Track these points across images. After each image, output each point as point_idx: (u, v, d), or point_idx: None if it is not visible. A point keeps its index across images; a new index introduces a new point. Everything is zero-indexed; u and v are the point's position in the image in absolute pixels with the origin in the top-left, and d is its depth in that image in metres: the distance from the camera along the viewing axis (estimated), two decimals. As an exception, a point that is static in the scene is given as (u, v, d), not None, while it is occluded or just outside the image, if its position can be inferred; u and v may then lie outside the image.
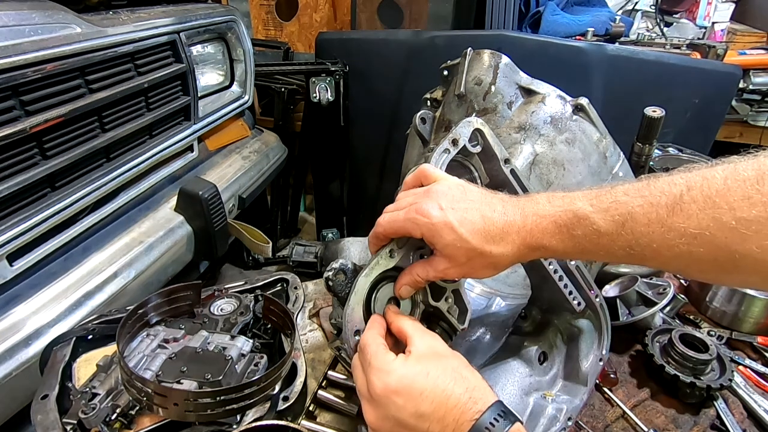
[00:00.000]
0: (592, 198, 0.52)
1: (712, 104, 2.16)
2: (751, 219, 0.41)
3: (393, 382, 0.53)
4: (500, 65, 1.01)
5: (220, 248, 1.67)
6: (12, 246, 1.10)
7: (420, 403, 0.51)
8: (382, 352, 0.56)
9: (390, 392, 0.53)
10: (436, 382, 0.52)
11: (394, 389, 0.53)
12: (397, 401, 0.52)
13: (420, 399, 0.52)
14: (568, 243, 0.53)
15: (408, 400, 0.52)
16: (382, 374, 0.54)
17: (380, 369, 0.54)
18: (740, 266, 0.43)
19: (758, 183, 0.41)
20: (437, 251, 0.58)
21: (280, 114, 2.53)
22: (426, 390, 0.52)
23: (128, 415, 0.77)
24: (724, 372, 1.00)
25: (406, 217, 0.56)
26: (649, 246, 0.47)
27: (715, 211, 0.43)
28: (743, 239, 0.42)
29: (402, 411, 0.52)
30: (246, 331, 0.95)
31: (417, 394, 0.52)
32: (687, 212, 0.45)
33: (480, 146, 0.74)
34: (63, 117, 1.16)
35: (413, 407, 0.52)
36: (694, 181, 0.46)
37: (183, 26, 1.58)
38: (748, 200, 0.41)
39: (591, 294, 0.83)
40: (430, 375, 0.53)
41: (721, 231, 0.43)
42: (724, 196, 0.43)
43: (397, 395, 0.52)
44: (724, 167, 0.45)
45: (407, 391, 0.52)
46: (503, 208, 0.56)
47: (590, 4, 2.95)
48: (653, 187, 0.48)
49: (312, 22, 2.98)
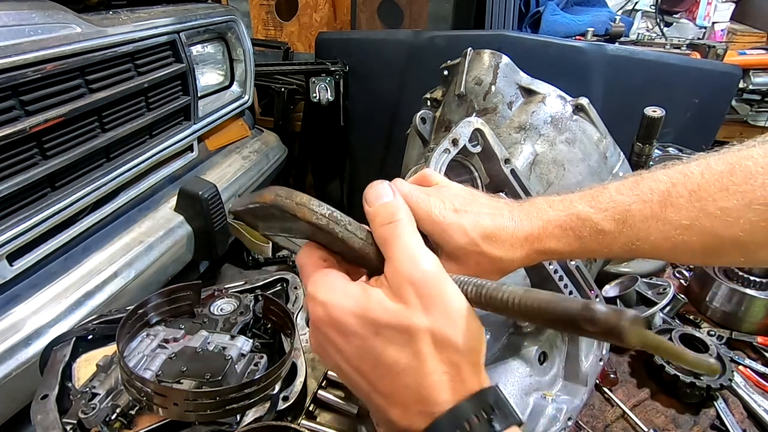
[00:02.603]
0: (590, 199, 0.54)
1: (712, 104, 2.16)
2: (731, 207, 0.45)
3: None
4: (500, 65, 1.01)
5: (220, 248, 1.67)
6: (12, 246, 1.10)
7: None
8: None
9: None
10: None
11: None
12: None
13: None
14: (574, 244, 0.54)
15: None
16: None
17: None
18: (727, 249, 0.48)
19: (731, 175, 0.46)
20: (444, 253, 0.54)
21: (280, 114, 2.53)
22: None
23: (128, 415, 0.77)
24: (724, 372, 1.00)
25: (425, 206, 0.51)
26: (647, 240, 0.50)
27: (701, 203, 0.47)
28: (728, 225, 0.46)
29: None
30: (246, 331, 0.95)
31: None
32: (677, 206, 0.48)
33: (480, 146, 0.74)
34: (63, 117, 1.16)
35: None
36: (675, 177, 0.50)
37: (183, 26, 1.58)
38: (726, 191, 0.46)
39: (591, 294, 0.83)
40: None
41: (708, 220, 0.47)
42: (705, 189, 0.47)
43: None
44: (698, 163, 0.49)
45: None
46: (511, 214, 0.56)
47: (590, 4, 2.95)
48: (642, 185, 0.51)
49: (312, 22, 2.98)
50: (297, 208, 0.41)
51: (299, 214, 0.41)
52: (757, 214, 0.44)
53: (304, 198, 0.42)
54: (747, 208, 0.45)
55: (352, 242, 0.43)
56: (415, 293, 0.41)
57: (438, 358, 0.40)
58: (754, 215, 0.45)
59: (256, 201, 0.44)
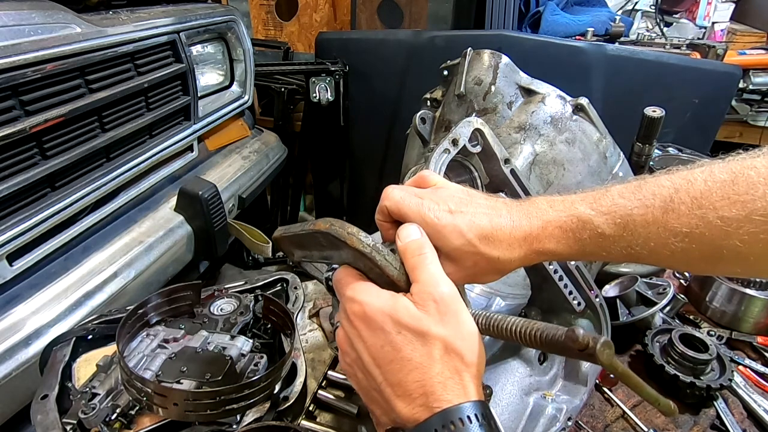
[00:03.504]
0: (591, 202, 0.54)
1: (712, 104, 2.16)
2: (731, 217, 0.46)
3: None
4: (500, 65, 1.01)
5: (220, 248, 1.67)
6: (12, 246, 1.10)
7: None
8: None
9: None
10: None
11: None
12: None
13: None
14: (573, 246, 0.54)
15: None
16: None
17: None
18: (725, 259, 0.48)
19: (733, 184, 0.46)
20: (442, 255, 0.55)
21: (280, 114, 2.53)
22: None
23: (128, 415, 0.77)
24: (724, 372, 1.00)
25: (418, 210, 0.54)
26: (647, 245, 0.50)
27: (702, 211, 0.47)
28: (727, 235, 0.46)
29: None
30: (246, 331, 0.95)
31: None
32: (678, 212, 0.48)
33: (480, 146, 0.74)
34: (63, 117, 1.16)
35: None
36: (678, 183, 0.50)
37: (183, 26, 1.58)
38: (727, 200, 0.46)
39: (591, 294, 0.83)
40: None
41: (708, 228, 0.47)
42: (707, 197, 0.47)
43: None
44: (702, 170, 0.49)
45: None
46: (509, 213, 0.56)
47: (590, 4, 2.95)
48: (644, 190, 0.51)
49: (312, 22, 2.98)
50: (348, 236, 0.50)
51: (349, 241, 0.49)
52: (757, 225, 0.45)
53: (354, 229, 0.50)
54: (747, 218, 0.45)
55: (389, 269, 0.51)
56: (436, 308, 0.49)
57: (445, 363, 0.47)
58: (754, 226, 0.45)
59: (309, 228, 0.53)
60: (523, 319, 0.50)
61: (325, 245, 0.55)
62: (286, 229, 0.60)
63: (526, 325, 0.49)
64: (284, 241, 0.61)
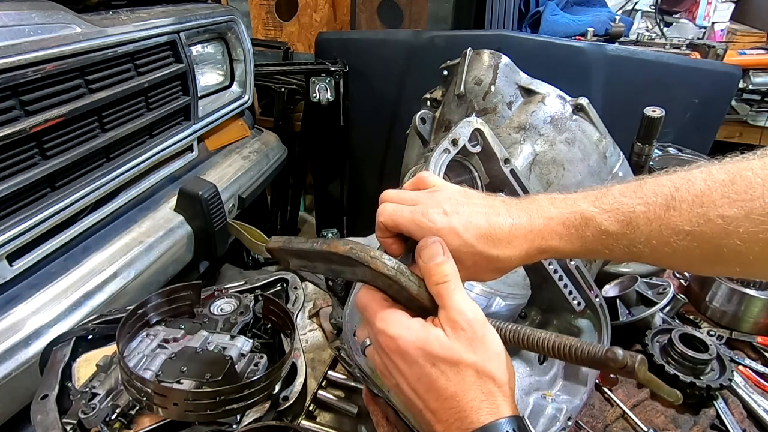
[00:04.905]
0: (594, 200, 0.54)
1: (712, 104, 2.16)
2: (731, 216, 0.46)
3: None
4: (500, 65, 1.01)
5: (220, 248, 1.67)
6: (12, 246, 1.10)
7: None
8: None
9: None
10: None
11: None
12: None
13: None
14: (576, 244, 0.54)
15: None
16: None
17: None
18: (725, 258, 0.48)
19: (732, 184, 0.47)
20: None
21: (280, 114, 2.53)
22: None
23: (128, 415, 0.77)
24: (724, 372, 1.00)
25: (411, 218, 0.55)
26: (649, 243, 0.51)
27: (703, 209, 0.48)
28: (727, 233, 0.47)
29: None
30: (246, 331, 0.95)
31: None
32: (679, 210, 0.49)
33: (480, 146, 0.74)
34: (63, 117, 1.16)
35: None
36: (678, 182, 0.50)
37: (183, 26, 1.58)
38: (727, 199, 0.47)
39: (591, 294, 0.83)
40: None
41: (708, 227, 0.47)
42: (708, 196, 0.48)
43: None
44: (701, 170, 0.50)
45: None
46: (507, 211, 0.56)
47: (590, 4, 2.95)
48: (645, 188, 0.52)
49: (312, 22, 2.98)
50: (371, 260, 0.50)
51: (373, 266, 0.50)
52: (756, 224, 0.45)
53: (376, 252, 0.51)
54: (746, 217, 0.46)
55: (412, 290, 0.52)
56: (465, 335, 0.50)
57: (479, 387, 0.49)
58: (753, 225, 0.45)
59: (323, 248, 0.53)
60: (553, 334, 0.51)
61: (336, 261, 0.54)
62: (286, 242, 0.58)
63: (559, 340, 0.50)
64: (282, 252, 0.60)
